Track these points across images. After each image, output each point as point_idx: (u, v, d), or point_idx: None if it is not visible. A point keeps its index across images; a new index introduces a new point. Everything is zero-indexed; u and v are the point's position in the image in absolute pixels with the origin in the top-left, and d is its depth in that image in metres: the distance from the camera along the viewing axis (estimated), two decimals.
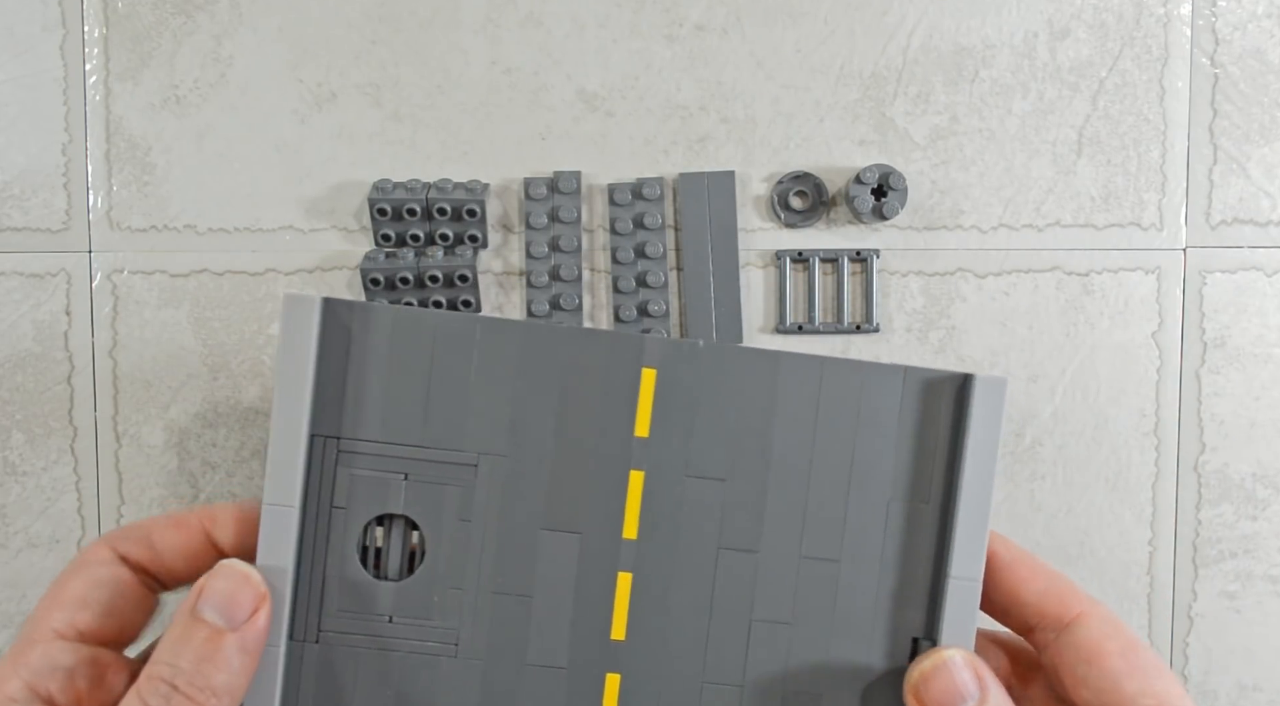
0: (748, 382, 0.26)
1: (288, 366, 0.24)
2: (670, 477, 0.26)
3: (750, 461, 0.26)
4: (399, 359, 0.25)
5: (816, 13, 0.48)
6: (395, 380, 0.25)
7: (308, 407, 0.24)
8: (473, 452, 0.25)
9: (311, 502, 0.25)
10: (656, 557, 0.26)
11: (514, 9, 0.49)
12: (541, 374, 0.25)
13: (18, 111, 0.49)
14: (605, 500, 0.26)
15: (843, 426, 0.26)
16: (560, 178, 0.48)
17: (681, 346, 0.26)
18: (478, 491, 0.26)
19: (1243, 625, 0.49)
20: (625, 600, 0.26)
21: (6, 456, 0.50)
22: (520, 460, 0.26)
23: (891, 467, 0.26)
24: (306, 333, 0.24)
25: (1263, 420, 0.49)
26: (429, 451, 0.26)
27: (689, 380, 0.26)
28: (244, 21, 0.49)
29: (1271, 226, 0.49)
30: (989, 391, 0.27)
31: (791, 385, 0.26)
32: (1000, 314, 0.49)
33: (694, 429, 0.26)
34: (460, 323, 0.25)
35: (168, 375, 0.49)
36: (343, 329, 0.25)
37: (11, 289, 0.50)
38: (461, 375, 0.25)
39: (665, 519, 0.26)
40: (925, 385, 0.27)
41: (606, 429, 0.26)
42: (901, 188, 0.47)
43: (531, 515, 0.26)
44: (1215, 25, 0.48)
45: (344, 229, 0.49)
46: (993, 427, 0.26)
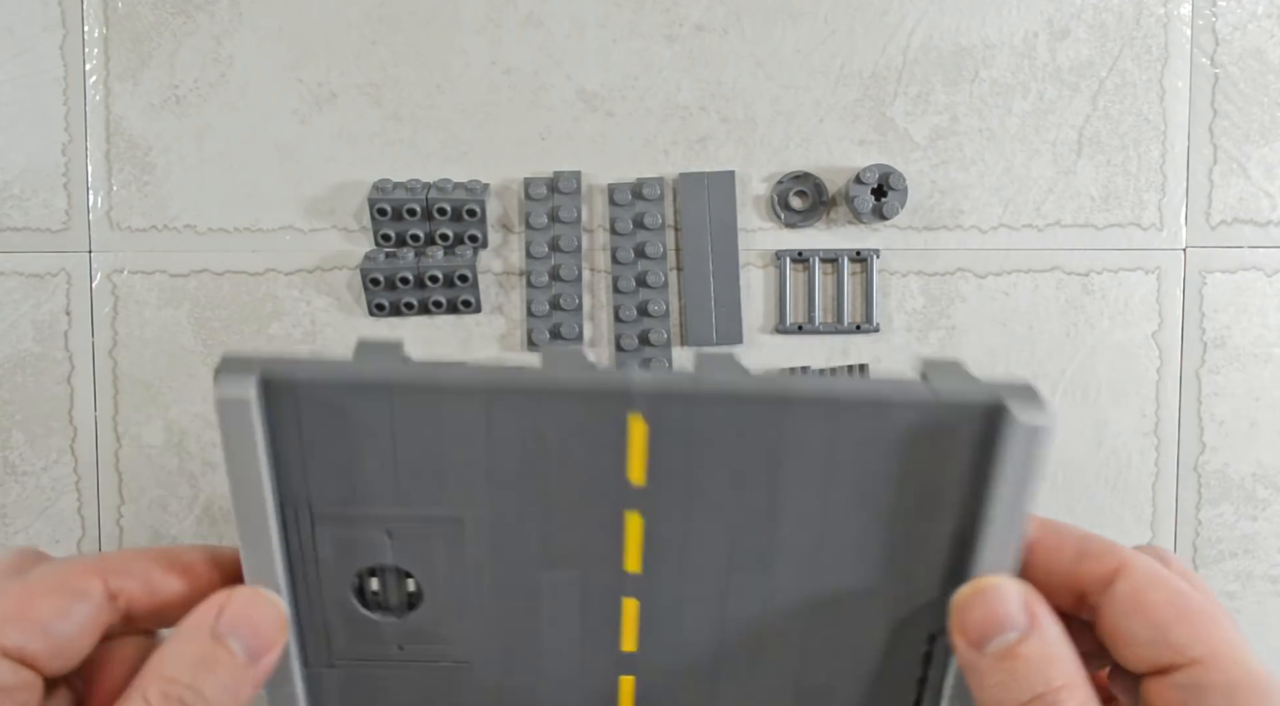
0: (748, 422, 0.23)
1: (237, 450, 0.22)
2: (672, 522, 0.24)
3: (757, 502, 0.24)
4: (357, 426, 0.23)
5: (816, 13, 0.48)
6: (360, 444, 0.23)
7: (269, 485, 0.23)
8: (455, 510, 0.24)
9: (297, 566, 0.24)
10: (663, 584, 0.25)
11: (514, 9, 0.49)
12: (514, 434, 0.23)
13: (18, 111, 0.49)
14: (603, 540, 0.24)
15: (856, 460, 0.23)
16: (560, 178, 0.48)
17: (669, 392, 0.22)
18: (466, 544, 0.24)
19: (1243, 625, 0.49)
20: (634, 620, 0.25)
21: (6, 456, 0.50)
22: (506, 514, 0.24)
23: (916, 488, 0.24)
24: (247, 412, 0.22)
25: (1263, 420, 0.49)
26: (408, 509, 0.24)
27: (682, 424, 0.23)
28: (244, 21, 0.49)
29: (1271, 226, 0.49)
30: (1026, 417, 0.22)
31: (797, 424, 0.23)
32: (1000, 314, 0.49)
33: (693, 472, 0.23)
34: (419, 373, 0.22)
35: (168, 375, 0.49)
36: (290, 398, 0.22)
37: (11, 289, 0.50)
38: (428, 438, 0.23)
39: (669, 556, 0.24)
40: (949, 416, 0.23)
41: (596, 480, 0.23)
42: (901, 188, 0.47)
43: (528, 559, 0.24)
44: (1215, 25, 0.48)
45: (344, 229, 0.49)
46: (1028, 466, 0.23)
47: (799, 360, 0.49)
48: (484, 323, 0.49)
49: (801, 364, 0.49)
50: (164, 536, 0.50)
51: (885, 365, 0.49)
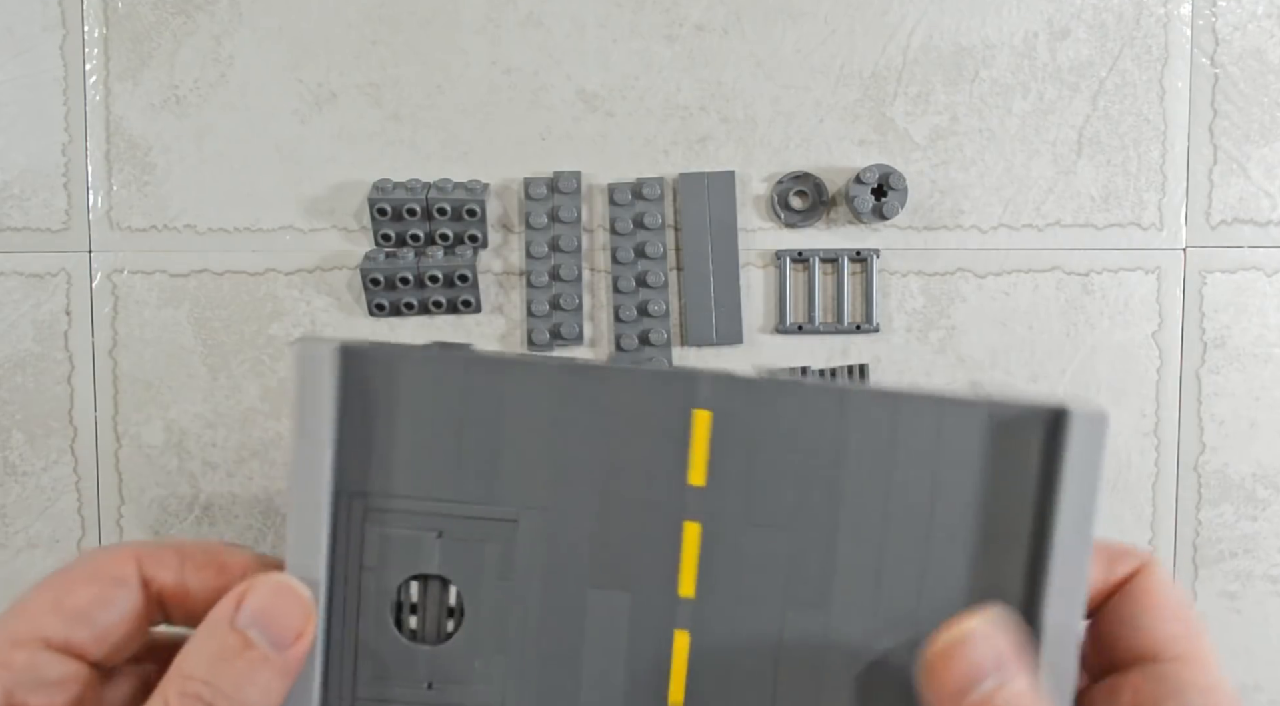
0: (813, 422, 0.23)
1: (306, 424, 0.22)
2: (731, 528, 0.23)
3: (818, 508, 0.23)
4: (427, 408, 0.23)
5: (816, 13, 0.48)
6: (424, 430, 0.23)
7: (329, 467, 0.22)
8: (512, 507, 0.23)
9: (339, 565, 0.23)
10: (717, 615, 0.23)
11: (514, 9, 0.49)
12: (581, 420, 0.23)
13: (18, 111, 0.49)
14: (658, 554, 0.23)
15: (921, 468, 0.23)
16: (560, 178, 0.48)
17: (736, 382, 0.23)
18: (519, 548, 0.23)
19: (1243, 625, 0.49)
20: (683, 662, 0.24)
21: (6, 456, 0.50)
22: (563, 513, 0.23)
23: (975, 515, 0.23)
24: (323, 387, 0.22)
25: (1263, 420, 0.49)
26: (464, 506, 0.23)
27: (747, 420, 0.23)
28: (244, 21, 0.49)
29: (1271, 226, 0.49)
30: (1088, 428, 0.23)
31: (862, 425, 0.23)
32: (1000, 314, 0.49)
33: (755, 474, 0.23)
34: (491, 366, 0.23)
35: (168, 375, 0.49)
36: (362, 377, 0.23)
37: (11, 289, 0.50)
38: (495, 423, 0.23)
39: (726, 574, 0.23)
40: (1012, 420, 0.23)
41: (656, 477, 0.23)
42: (901, 188, 0.47)
43: (578, 572, 0.24)
44: (1215, 25, 0.48)
45: (344, 229, 0.49)
46: (1092, 465, 0.23)
47: (799, 360, 0.49)
48: (484, 323, 0.49)
49: (801, 364, 0.49)
50: (163, 536, 0.50)
51: (886, 365, 0.49)
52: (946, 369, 0.49)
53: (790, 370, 0.49)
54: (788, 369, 0.49)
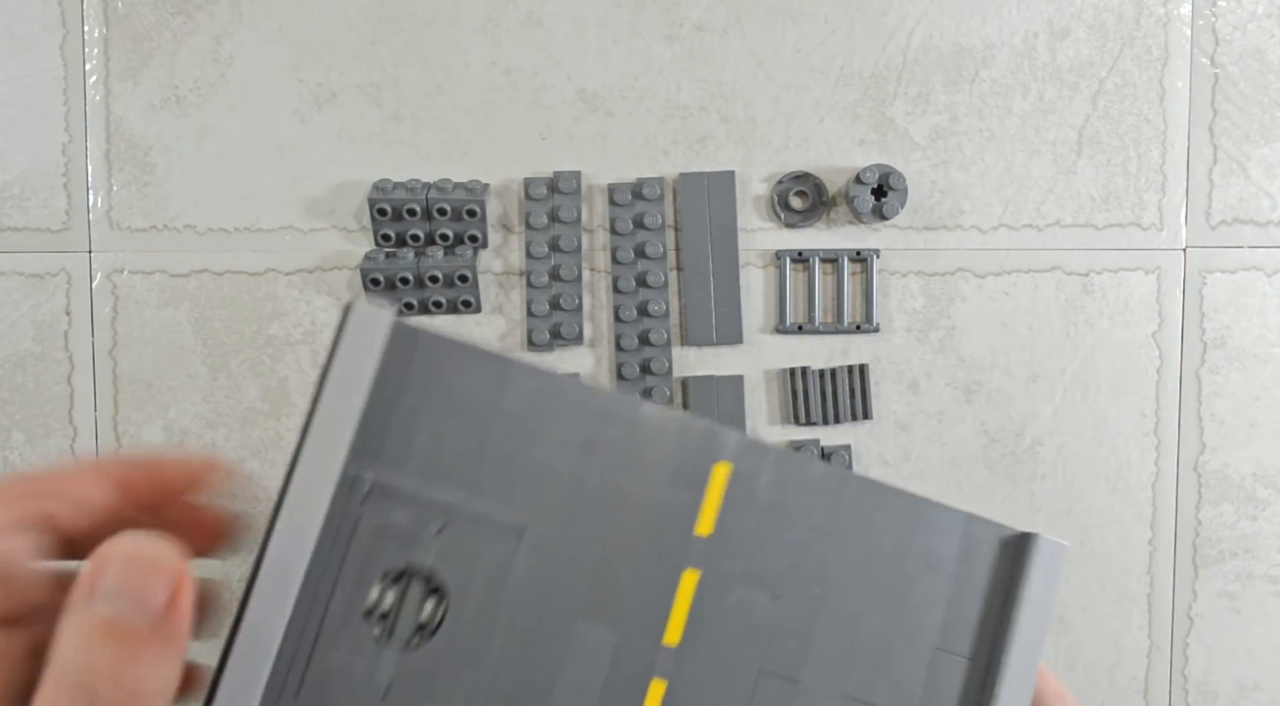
0: (818, 500, 0.24)
1: (337, 390, 0.22)
2: (725, 584, 0.24)
3: (806, 584, 0.25)
4: (462, 400, 0.23)
5: (816, 13, 0.48)
6: (453, 421, 0.23)
7: (350, 434, 0.22)
8: (523, 514, 0.23)
9: (326, 540, 0.23)
10: (696, 669, 0.24)
11: (514, 9, 0.49)
12: (609, 446, 0.24)
13: (18, 111, 0.49)
14: (653, 596, 0.24)
15: (901, 564, 0.25)
16: (560, 178, 0.48)
17: (759, 447, 0.24)
18: (519, 558, 0.23)
19: (1243, 625, 0.49)
20: None
21: (6, 456, 0.50)
22: (570, 534, 0.24)
23: (944, 616, 0.25)
24: (367, 356, 0.22)
25: (1263, 420, 0.49)
26: (475, 500, 0.23)
27: (760, 483, 0.24)
28: (244, 21, 0.49)
29: (1271, 226, 0.49)
30: (1049, 555, 0.25)
31: (855, 510, 0.25)
32: (1000, 314, 0.49)
33: (757, 537, 0.24)
34: (533, 376, 0.23)
35: (168, 375, 0.49)
36: (405, 356, 0.23)
37: (11, 289, 0.50)
38: (525, 430, 0.23)
39: (712, 628, 0.24)
40: (986, 536, 0.25)
41: (668, 520, 0.24)
42: (901, 188, 0.47)
43: (571, 598, 0.24)
44: (1215, 25, 0.48)
45: (344, 229, 0.49)
46: (1049, 592, 0.25)
47: (799, 360, 0.49)
48: (484, 322, 0.49)
49: (801, 364, 0.49)
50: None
51: (886, 365, 0.49)
52: (946, 369, 0.49)
53: (790, 371, 0.49)
54: (787, 370, 0.49)
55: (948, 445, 0.49)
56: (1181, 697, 0.50)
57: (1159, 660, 0.49)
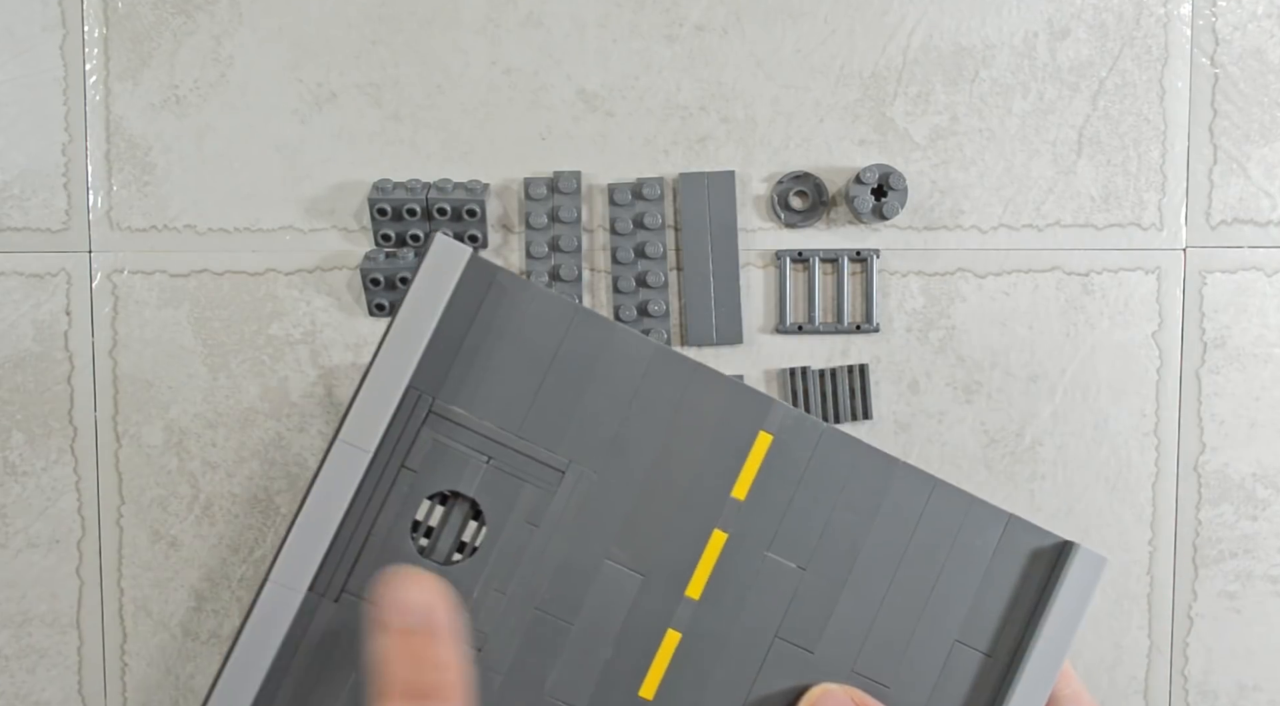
0: (857, 480, 0.25)
1: (412, 311, 0.23)
2: (751, 548, 0.25)
3: (835, 559, 0.25)
4: (525, 341, 0.24)
5: (816, 13, 0.48)
6: (514, 361, 0.24)
7: (418, 357, 0.23)
8: (565, 458, 0.24)
9: (383, 454, 0.24)
10: (712, 625, 0.25)
11: (514, 9, 0.49)
12: (660, 401, 0.24)
13: (18, 111, 0.49)
14: (680, 550, 0.25)
15: (934, 553, 0.25)
16: (560, 178, 0.48)
17: (805, 421, 0.25)
18: (557, 498, 0.24)
19: (1243, 625, 0.49)
20: (666, 659, 0.25)
21: (6, 456, 0.50)
22: (610, 481, 0.24)
23: (968, 610, 0.25)
24: (444, 282, 0.23)
25: (1263, 420, 0.49)
26: (521, 442, 0.24)
27: (801, 457, 0.25)
28: (244, 21, 0.49)
29: (1271, 226, 0.49)
30: (1087, 565, 0.25)
31: (898, 496, 0.25)
32: (1000, 314, 0.49)
33: (791, 508, 0.25)
34: (596, 325, 0.24)
35: (168, 375, 0.49)
36: (478, 292, 0.24)
37: (11, 289, 0.50)
38: (581, 377, 0.24)
39: (733, 588, 0.25)
40: (1025, 539, 0.25)
41: (706, 479, 0.24)
42: (901, 188, 0.47)
43: (602, 541, 0.24)
44: (1215, 25, 0.48)
45: (344, 229, 0.49)
46: (1081, 601, 0.25)
47: (799, 360, 0.49)
48: None
49: (801, 364, 0.49)
50: (163, 536, 0.50)
51: (886, 365, 0.49)
52: (946, 369, 0.49)
53: (789, 371, 0.49)
54: (787, 370, 0.49)
55: (948, 445, 0.49)
56: (1181, 697, 0.50)
57: (1159, 660, 0.49)
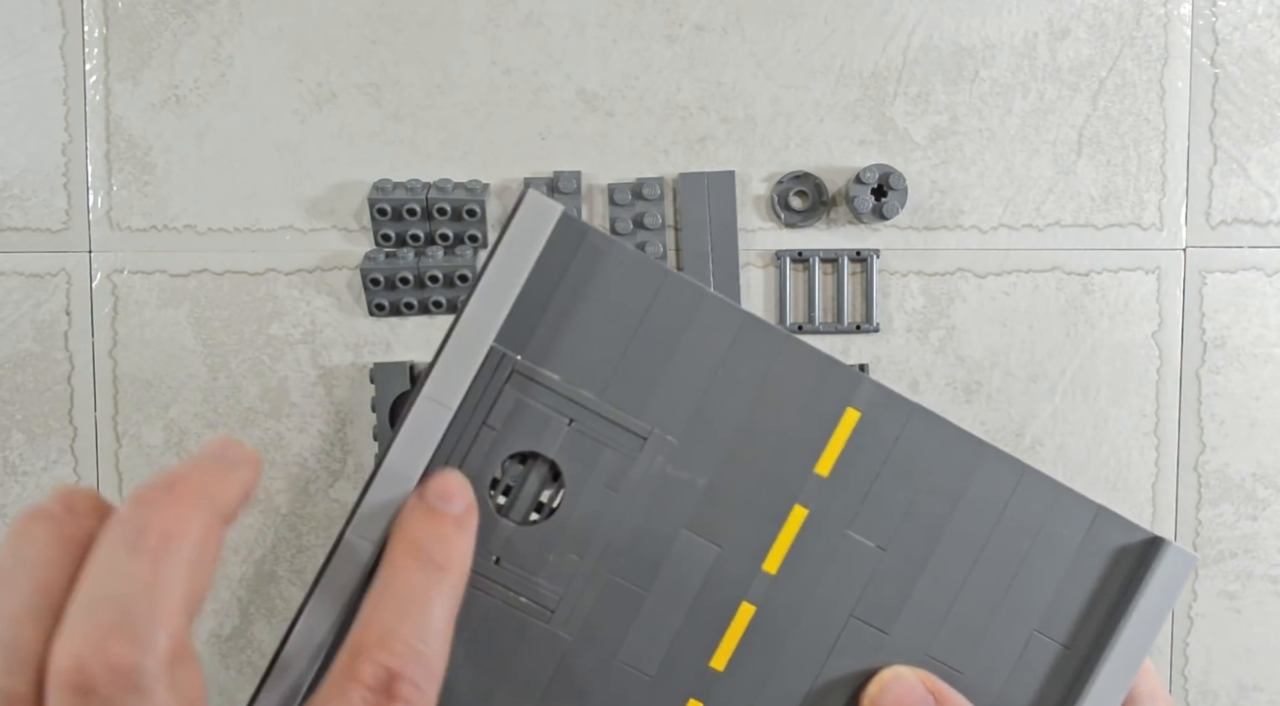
0: (944, 462, 0.24)
1: (500, 267, 0.23)
2: (832, 526, 0.24)
3: (917, 541, 0.24)
4: (612, 303, 0.23)
5: (816, 13, 0.48)
6: (600, 323, 0.24)
7: (503, 315, 0.23)
8: (648, 424, 0.24)
9: (466, 410, 0.24)
10: (788, 600, 0.24)
11: (514, 9, 0.49)
12: (746, 372, 0.24)
13: (18, 111, 0.49)
14: (760, 524, 0.24)
15: (1019, 541, 0.25)
16: (560, 178, 0.48)
17: (895, 398, 0.24)
18: (638, 465, 0.24)
19: (1243, 625, 0.49)
20: (739, 631, 0.24)
21: (6, 456, 0.50)
22: (691, 450, 0.24)
23: (1049, 600, 0.25)
24: (533, 240, 0.23)
25: (1263, 420, 0.49)
26: (604, 407, 0.24)
27: (888, 436, 0.24)
28: (244, 21, 0.49)
29: (1271, 226, 0.49)
30: (1176, 563, 0.25)
31: (986, 481, 0.24)
32: (1000, 314, 0.49)
33: (875, 487, 0.24)
34: (686, 289, 0.23)
35: (168, 375, 0.49)
36: (567, 251, 0.23)
37: (11, 289, 0.50)
38: (668, 343, 0.24)
39: (811, 565, 0.24)
40: (1113, 532, 0.25)
41: (789, 453, 0.24)
42: (901, 188, 0.47)
43: (680, 510, 0.24)
44: (1215, 25, 0.48)
45: (344, 229, 0.49)
46: (1167, 600, 0.25)
47: None
48: None
49: None
50: None
51: (886, 365, 0.49)
52: (946, 369, 0.49)
53: None
54: None
55: None
56: (1181, 697, 0.50)
57: (1159, 660, 0.49)
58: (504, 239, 0.23)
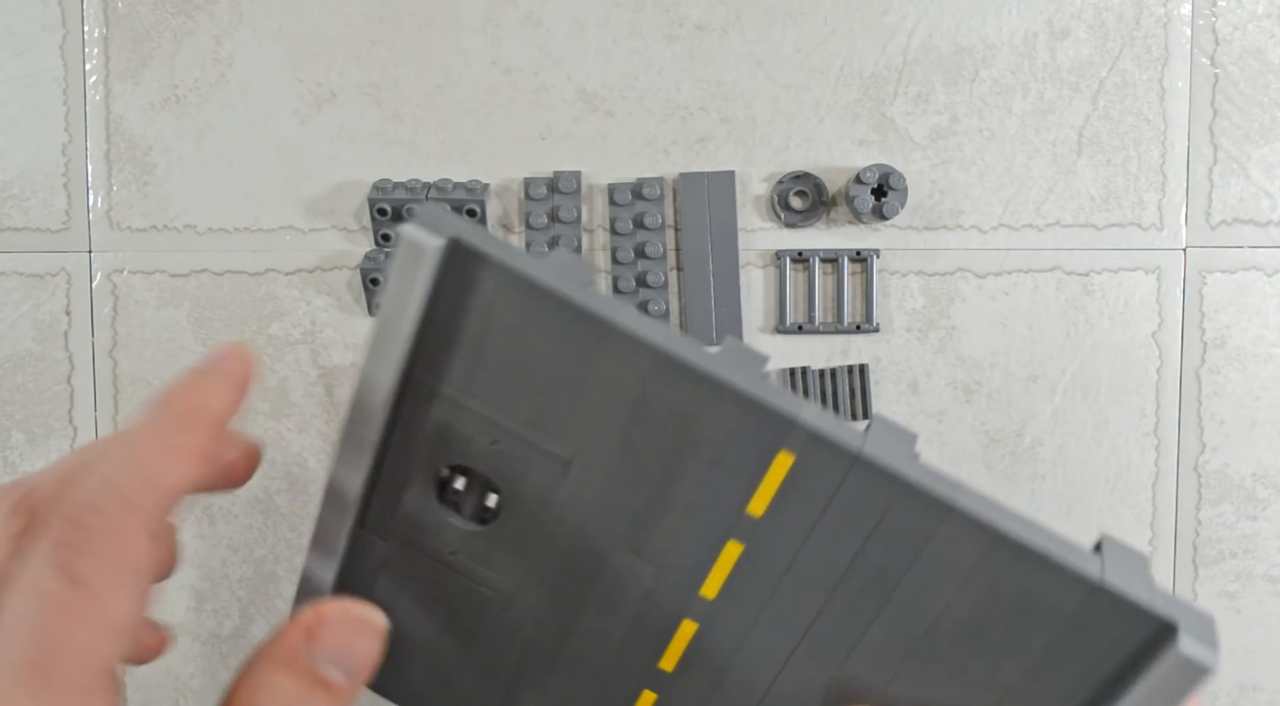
0: (897, 517, 0.21)
1: (389, 308, 0.21)
2: (770, 564, 0.22)
3: (867, 591, 0.22)
4: (521, 331, 0.22)
5: (816, 13, 0.48)
6: (511, 350, 0.22)
7: (404, 344, 0.22)
8: (570, 450, 0.22)
9: (397, 432, 0.23)
10: (729, 622, 0.23)
11: (514, 9, 0.49)
12: (666, 407, 0.22)
13: (18, 111, 0.49)
14: (693, 554, 0.23)
15: (987, 607, 0.21)
16: (560, 178, 0.48)
17: (834, 447, 0.21)
18: (565, 488, 0.23)
19: (1243, 625, 0.49)
20: (683, 643, 0.24)
21: (6, 456, 0.50)
22: (619, 478, 0.22)
23: (1021, 675, 0.21)
24: (418, 272, 0.21)
25: (1263, 420, 0.49)
26: (525, 430, 0.23)
27: (828, 483, 0.21)
28: (244, 21, 0.49)
29: (1271, 226, 0.49)
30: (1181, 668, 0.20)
31: (948, 543, 0.21)
32: (1000, 314, 0.49)
33: (816, 532, 0.22)
34: (594, 323, 0.21)
35: (168, 375, 0.49)
36: (467, 277, 0.22)
37: (11, 289, 0.50)
38: (581, 374, 0.22)
39: (751, 596, 0.23)
40: (1109, 613, 0.20)
41: (719, 491, 0.22)
42: (901, 188, 0.47)
43: (612, 532, 0.23)
44: (1215, 25, 0.48)
45: (344, 229, 0.49)
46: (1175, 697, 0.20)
47: (799, 360, 0.49)
48: None
49: (801, 364, 0.49)
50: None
51: (886, 365, 0.49)
52: (946, 369, 0.49)
53: (790, 371, 0.49)
54: (787, 370, 0.49)
55: (948, 445, 0.49)
56: None
57: None
58: (389, 281, 0.22)
